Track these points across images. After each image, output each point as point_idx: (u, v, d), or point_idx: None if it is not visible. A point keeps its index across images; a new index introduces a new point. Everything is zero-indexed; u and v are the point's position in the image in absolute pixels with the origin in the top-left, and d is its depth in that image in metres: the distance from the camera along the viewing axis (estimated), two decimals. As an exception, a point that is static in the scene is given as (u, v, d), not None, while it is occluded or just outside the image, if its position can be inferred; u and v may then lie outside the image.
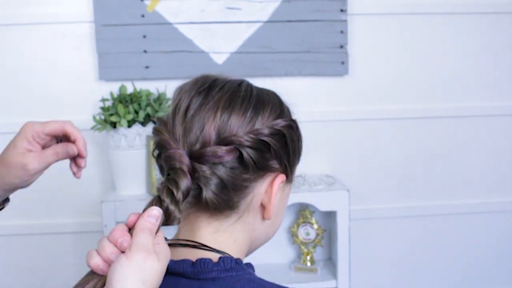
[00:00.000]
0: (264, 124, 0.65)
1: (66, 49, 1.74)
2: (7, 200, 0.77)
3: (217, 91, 0.65)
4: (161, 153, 0.65)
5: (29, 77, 1.74)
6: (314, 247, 1.81)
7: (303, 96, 1.82)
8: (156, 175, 1.63)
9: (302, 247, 1.82)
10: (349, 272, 1.69)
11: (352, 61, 1.81)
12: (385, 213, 1.91)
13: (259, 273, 0.69)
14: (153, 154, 0.68)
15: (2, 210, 0.79)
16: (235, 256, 0.67)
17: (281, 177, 0.68)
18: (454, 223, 1.94)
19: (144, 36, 1.73)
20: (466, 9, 1.84)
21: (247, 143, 0.62)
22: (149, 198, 1.65)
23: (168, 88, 1.73)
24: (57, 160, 0.72)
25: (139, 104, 1.62)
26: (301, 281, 1.72)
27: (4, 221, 1.79)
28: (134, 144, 1.63)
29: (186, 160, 0.62)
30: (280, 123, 0.66)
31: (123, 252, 0.56)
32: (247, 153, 0.63)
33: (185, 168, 0.62)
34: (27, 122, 0.73)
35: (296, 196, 1.66)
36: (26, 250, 1.81)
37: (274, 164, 0.67)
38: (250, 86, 0.69)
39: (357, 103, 1.85)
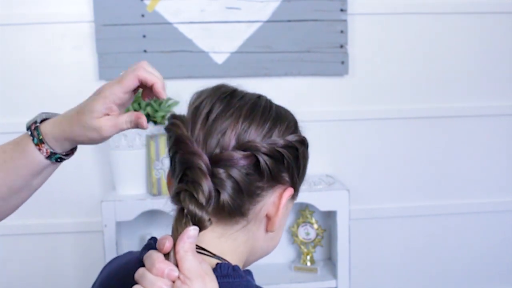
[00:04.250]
0: (280, 137, 0.67)
1: (66, 49, 1.74)
2: (75, 148, 0.76)
3: (239, 100, 0.68)
4: (178, 149, 0.64)
5: (29, 77, 1.74)
6: (314, 247, 1.81)
7: (303, 96, 1.82)
8: (156, 175, 1.63)
9: (302, 247, 1.82)
10: (349, 272, 1.70)
11: (352, 61, 1.81)
12: (385, 213, 1.91)
13: (259, 273, 0.69)
14: (169, 151, 0.68)
15: None
16: (233, 263, 0.67)
17: (290, 190, 0.69)
18: (454, 223, 1.94)
19: (144, 36, 1.73)
20: (466, 9, 1.84)
21: (263, 150, 0.64)
22: (149, 198, 1.65)
23: (168, 88, 1.73)
24: (130, 128, 0.70)
25: (139, 104, 1.62)
26: (301, 281, 1.73)
27: (4, 221, 1.78)
28: (134, 144, 1.63)
29: (206, 160, 0.62)
30: (295, 137, 0.68)
31: (173, 281, 0.56)
32: (264, 160, 0.64)
33: (205, 168, 0.62)
34: (104, 85, 0.68)
35: (296, 196, 1.65)
36: (26, 250, 1.81)
37: (286, 176, 0.68)
38: (269, 100, 0.71)
39: (357, 103, 1.85)
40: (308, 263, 1.80)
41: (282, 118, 0.69)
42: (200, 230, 0.60)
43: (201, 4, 1.73)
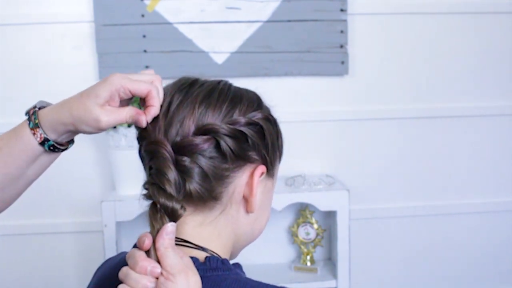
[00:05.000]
0: (241, 116, 0.66)
1: (66, 49, 1.74)
2: (72, 141, 0.74)
3: (197, 88, 0.68)
4: (141, 143, 0.67)
5: (29, 77, 1.74)
6: (314, 247, 1.81)
7: (303, 96, 1.82)
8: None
9: (302, 247, 1.82)
10: (349, 272, 1.69)
11: (352, 61, 1.81)
12: (385, 213, 1.91)
13: (259, 273, 0.69)
14: (139, 152, 0.69)
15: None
16: (219, 252, 0.68)
17: (261, 168, 0.68)
18: (454, 223, 1.94)
19: (144, 36, 1.73)
20: (466, 9, 1.84)
21: (223, 131, 0.64)
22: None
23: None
24: (128, 123, 0.69)
25: (139, 104, 1.62)
26: (301, 281, 1.73)
27: (4, 221, 1.79)
28: (134, 144, 1.63)
29: (168, 148, 0.63)
30: (257, 115, 0.67)
31: (156, 278, 0.57)
32: (225, 141, 0.64)
33: (168, 156, 0.63)
34: (114, 74, 0.66)
35: (296, 196, 1.66)
36: (26, 250, 1.81)
37: (253, 155, 0.68)
38: (228, 84, 0.71)
39: (357, 103, 1.85)
40: (308, 263, 1.80)
41: (241, 98, 0.68)
42: (176, 219, 0.60)
43: (201, 4, 1.73)
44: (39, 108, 0.70)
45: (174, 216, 0.60)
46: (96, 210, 1.71)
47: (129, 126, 1.62)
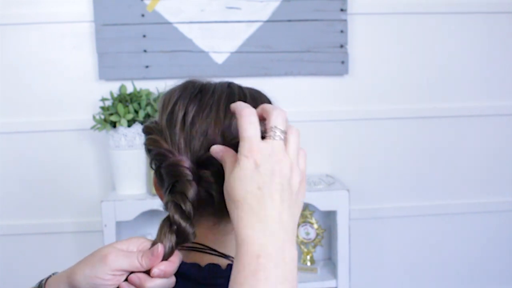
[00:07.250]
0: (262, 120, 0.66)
1: (66, 49, 1.74)
2: None
3: (211, 95, 0.66)
4: (162, 163, 0.64)
5: (29, 77, 1.74)
6: (314, 247, 1.81)
7: (303, 96, 1.82)
8: (156, 175, 1.63)
9: (302, 246, 1.82)
10: (349, 272, 1.69)
11: (352, 60, 1.81)
12: (384, 212, 1.91)
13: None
14: (151, 166, 0.67)
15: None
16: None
17: None
18: (454, 223, 1.94)
19: (144, 36, 1.73)
20: (466, 9, 1.84)
21: None
22: (149, 198, 1.65)
23: (168, 87, 1.73)
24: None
25: (139, 104, 1.62)
26: (301, 281, 1.72)
27: (4, 221, 1.79)
28: (134, 144, 1.63)
29: (190, 167, 0.62)
30: None
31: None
32: None
33: (190, 177, 0.62)
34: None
35: (296, 196, 1.65)
36: (26, 250, 1.81)
37: None
38: (240, 88, 0.70)
39: (357, 102, 1.85)
40: (308, 263, 1.80)
41: (257, 102, 0.68)
42: (184, 242, 0.61)
43: (201, 4, 1.73)
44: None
45: (183, 237, 0.60)
46: (96, 210, 1.71)
47: (129, 126, 1.62)
